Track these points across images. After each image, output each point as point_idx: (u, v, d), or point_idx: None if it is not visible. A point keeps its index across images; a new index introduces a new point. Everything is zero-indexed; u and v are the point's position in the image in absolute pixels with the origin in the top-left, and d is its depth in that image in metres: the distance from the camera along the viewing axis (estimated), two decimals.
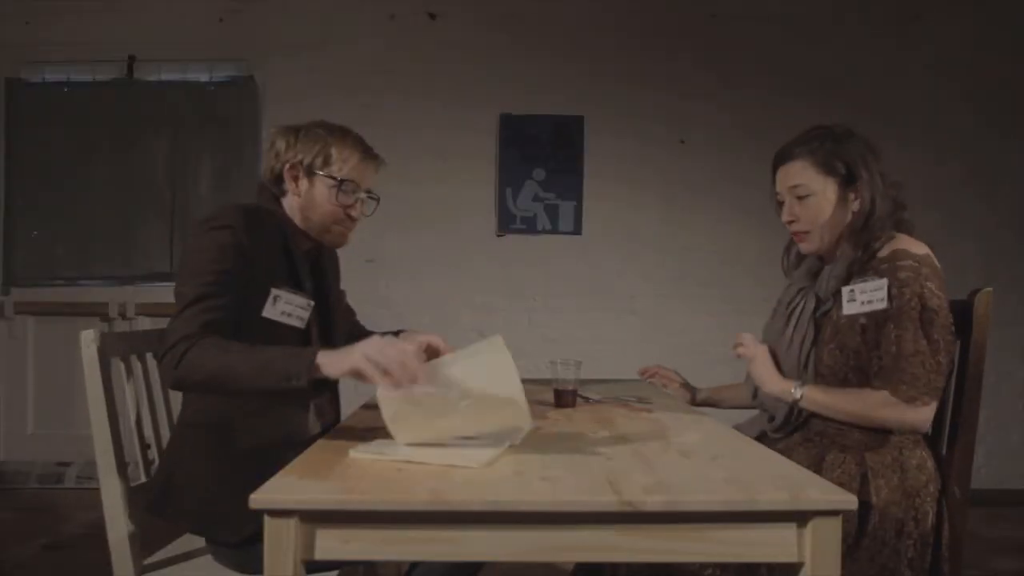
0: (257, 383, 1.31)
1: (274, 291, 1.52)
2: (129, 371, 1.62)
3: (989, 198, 3.90)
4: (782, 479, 1.12)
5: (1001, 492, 3.75)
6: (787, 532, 1.03)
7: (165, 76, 3.97)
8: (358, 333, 1.89)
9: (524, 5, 3.93)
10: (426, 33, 3.93)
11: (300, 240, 1.66)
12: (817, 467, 1.46)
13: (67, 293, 3.93)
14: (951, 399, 1.56)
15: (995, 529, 3.29)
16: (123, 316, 3.88)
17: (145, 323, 3.83)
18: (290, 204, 1.66)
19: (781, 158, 1.64)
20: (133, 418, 1.59)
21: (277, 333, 1.52)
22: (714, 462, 1.23)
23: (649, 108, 3.91)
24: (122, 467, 1.48)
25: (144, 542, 1.51)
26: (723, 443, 1.39)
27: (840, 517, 1.02)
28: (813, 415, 1.56)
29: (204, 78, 3.98)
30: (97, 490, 1.47)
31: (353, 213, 1.67)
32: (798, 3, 3.91)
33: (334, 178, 1.62)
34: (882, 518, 1.42)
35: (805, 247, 1.64)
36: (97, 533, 1.54)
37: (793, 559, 1.03)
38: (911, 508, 1.43)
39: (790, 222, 1.63)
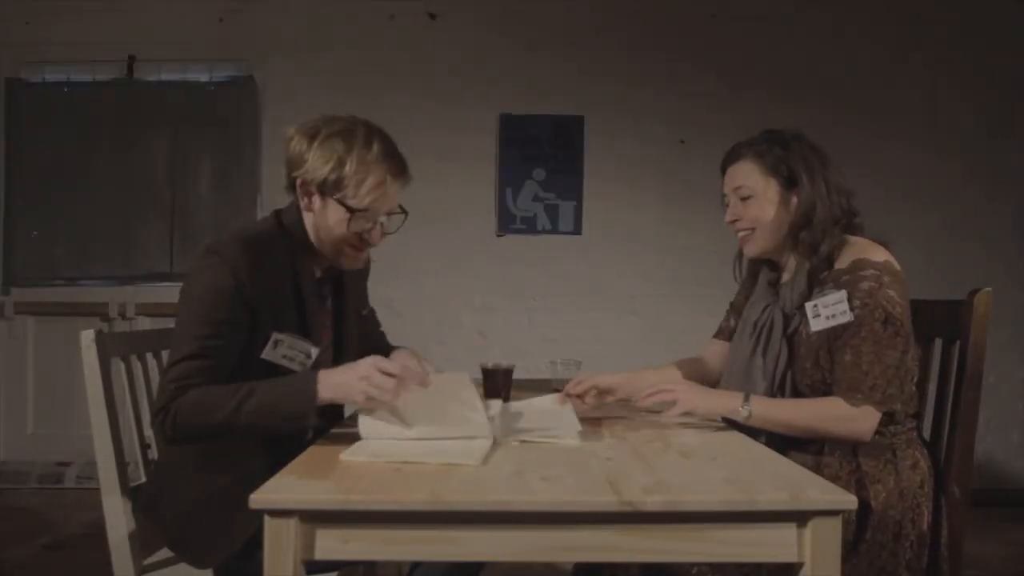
0: (262, 425, 1.31)
1: (276, 335, 1.42)
2: (129, 371, 1.62)
3: (989, 198, 3.90)
4: (782, 479, 1.12)
5: (1001, 492, 3.75)
6: (787, 532, 1.03)
7: (165, 76, 3.97)
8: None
9: (524, 5, 3.93)
10: (426, 33, 3.93)
11: (318, 262, 1.53)
12: (814, 473, 1.45)
13: (67, 293, 3.93)
14: (951, 399, 1.55)
15: (995, 529, 3.29)
16: (123, 316, 3.88)
17: (145, 323, 3.82)
18: (308, 217, 1.50)
19: (728, 159, 1.64)
20: (133, 418, 1.59)
21: (275, 375, 1.41)
22: (714, 462, 1.23)
23: (649, 108, 3.91)
24: (122, 467, 1.48)
25: (144, 542, 1.51)
26: (723, 443, 1.39)
27: (840, 517, 1.03)
28: None
29: (204, 78, 3.98)
30: (97, 490, 1.47)
31: (370, 240, 1.50)
32: (798, 3, 3.91)
33: (347, 207, 1.44)
34: (880, 522, 1.42)
35: (748, 248, 1.63)
36: (97, 533, 1.54)
37: (793, 559, 1.03)
38: (907, 510, 1.43)
39: (733, 222, 1.62)
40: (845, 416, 1.42)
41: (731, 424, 1.54)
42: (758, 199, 1.58)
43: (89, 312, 3.84)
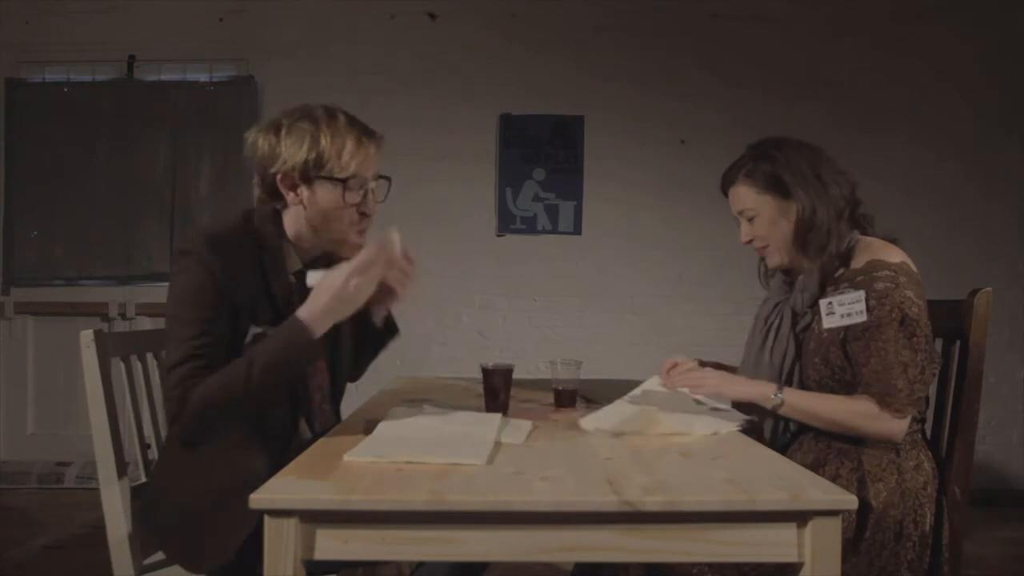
0: (275, 384, 1.34)
1: (253, 329, 1.38)
2: (129, 371, 1.62)
3: (989, 198, 3.90)
4: (782, 479, 1.12)
5: (1001, 492, 3.75)
6: (787, 532, 1.03)
7: (165, 76, 3.97)
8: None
9: (524, 5, 3.93)
10: (426, 33, 3.94)
11: (300, 255, 1.49)
12: (814, 472, 1.46)
13: (67, 293, 3.93)
14: (951, 399, 1.56)
15: (995, 529, 3.29)
16: (123, 316, 3.88)
17: (145, 323, 3.83)
18: (294, 217, 1.46)
19: (725, 184, 1.67)
20: (133, 418, 1.59)
21: None
22: (714, 462, 1.23)
23: (649, 108, 3.91)
24: (122, 467, 1.48)
25: (144, 542, 1.51)
26: (723, 443, 1.39)
27: (840, 517, 1.03)
28: (801, 429, 1.57)
29: (204, 78, 3.98)
30: (97, 490, 1.47)
31: (367, 210, 1.47)
32: (798, 3, 3.91)
33: (335, 178, 1.41)
34: (880, 521, 1.42)
35: (770, 262, 1.66)
36: (97, 533, 1.54)
37: (793, 559, 1.03)
38: (909, 510, 1.43)
39: (748, 242, 1.65)
40: (876, 415, 1.43)
41: (748, 412, 1.55)
42: (762, 217, 1.60)
43: (89, 312, 3.84)
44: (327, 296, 1.31)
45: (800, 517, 1.02)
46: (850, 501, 1.02)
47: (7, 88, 3.96)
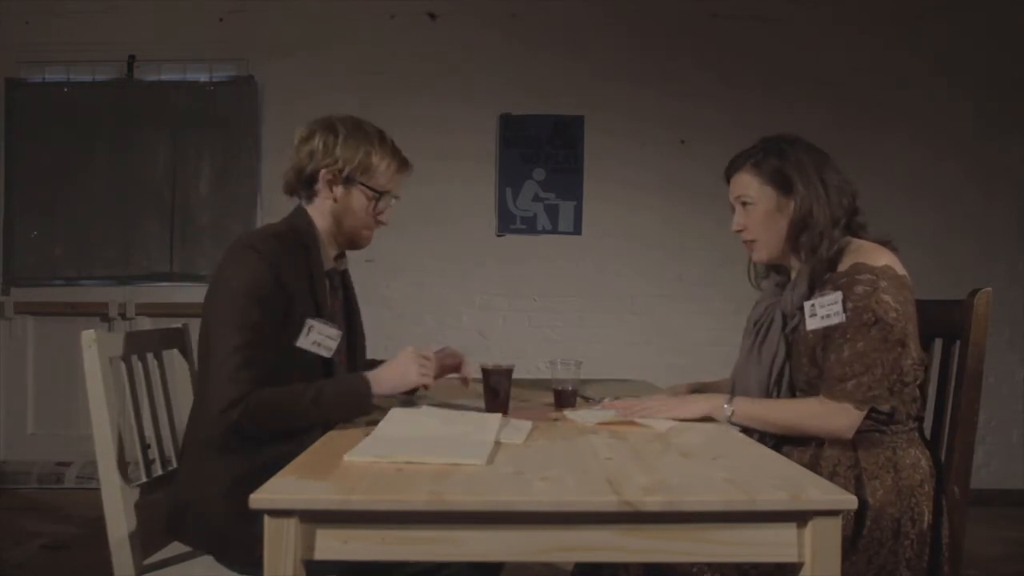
0: (325, 420, 1.49)
1: (309, 321, 1.53)
2: (129, 371, 1.62)
3: (989, 198, 3.90)
4: (782, 479, 1.12)
5: (1001, 492, 3.75)
6: (787, 532, 1.03)
7: (165, 76, 3.97)
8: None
9: (524, 5, 3.93)
10: (426, 33, 3.94)
11: (326, 257, 1.65)
12: (811, 470, 1.46)
13: (67, 293, 3.93)
14: (951, 399, 1.56)
15: (995, 529, 3.29)
16: (123, 316, 3.88)
17: (145, 323, 3.82)
18: (320, 208, 1.64)
19: (729, 170, 1.68)
20: (133, 418, 1.59)
21: (303, 360, 1.53)
22: (714, 462, 1.23)
23: (649, 108, 3.91)
24: (122, 467, 1.49)
25: (144, 542, 1.51)
26: (723, 443, 1.39)
27: (840, 517, 1.03)
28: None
29: (204, 78, 3.98)
30: (97, 490, 1.47)
31: (383, 219, 1.70)
32: (798, 3, 3.91)
33: (374, 190, 1.64)
34: (878, 519, 1.42)
35: (755, 256, 1.68)
36: (97, 533, 1.54)
37: (793, 559, 1.03)
38: (907, 508, 1.44)
39: (738, 231, 1.66)
40: (820, 413, 1.46)
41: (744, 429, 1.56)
42: (758, 207, 1.61)
43: (89, 312, 3.84)
44: (389, 369, 1.56)
45: (800, 517, 1.02)
46: (850, 501, 1.02)
47: (7, 88, 3.96)
